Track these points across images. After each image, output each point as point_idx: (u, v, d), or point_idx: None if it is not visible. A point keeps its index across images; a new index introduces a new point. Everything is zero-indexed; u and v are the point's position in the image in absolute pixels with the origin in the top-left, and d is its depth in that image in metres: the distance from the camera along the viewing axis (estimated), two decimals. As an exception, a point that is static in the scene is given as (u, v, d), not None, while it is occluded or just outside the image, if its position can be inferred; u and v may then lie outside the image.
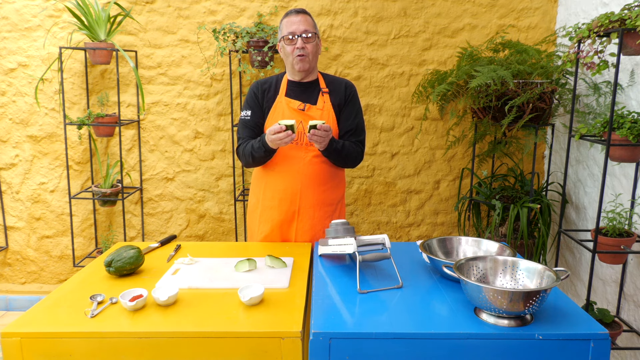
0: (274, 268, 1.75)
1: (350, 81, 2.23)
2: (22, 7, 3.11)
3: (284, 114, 2.09)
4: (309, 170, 2.09)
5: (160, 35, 3.16)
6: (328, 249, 1.73)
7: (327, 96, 2.13)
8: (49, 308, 1.47)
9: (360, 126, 2.18)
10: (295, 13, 2.07)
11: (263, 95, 2.14)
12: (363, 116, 2.22)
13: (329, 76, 2.21)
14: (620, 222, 2.24)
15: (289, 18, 2.07)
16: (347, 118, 2.14)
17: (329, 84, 2.16)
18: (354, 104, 2.17)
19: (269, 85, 2.15)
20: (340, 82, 2.18)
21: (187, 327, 1.36)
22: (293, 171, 2.09)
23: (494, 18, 3.15)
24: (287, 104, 2.10)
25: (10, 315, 3.28)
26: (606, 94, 2.52)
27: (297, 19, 2.04)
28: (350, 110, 2.15)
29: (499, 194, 2.95)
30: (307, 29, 2.04)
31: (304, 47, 2.04)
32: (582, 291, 2.80)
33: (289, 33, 2.04)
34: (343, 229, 1.72)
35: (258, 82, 2.18)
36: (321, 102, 2.12)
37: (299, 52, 2.04)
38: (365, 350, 1.26)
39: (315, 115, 2.09)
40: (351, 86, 2.19)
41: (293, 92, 2.13)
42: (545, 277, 1.37)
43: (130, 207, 3.36)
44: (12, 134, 3.26)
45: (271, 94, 2.14)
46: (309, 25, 2.06)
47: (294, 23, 2.04)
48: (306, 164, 2.09)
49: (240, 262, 1.72)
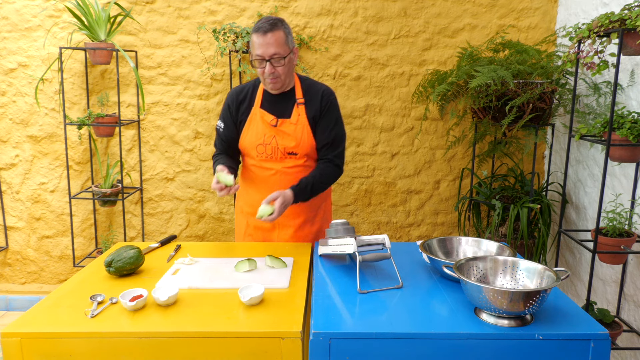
0: (274, 268, 1.75)
1: (328, 88, 2.10)
2: (22, 7, 3.11)
3: (258, 126, 2.03)
4: (283, 181, 2.05)
5: (160, 35, 3.16)
6: (328, 249, 1.73)
7: (303, 108, 2.03)
8: (49, 308, 1.47)
9: (337, 138, 2.07)
10: (263, 32, 1.87)
11: (238, 108, 2.07)
12: (342, 125, 2.11)
13: (307, 81, 2.10)
14: (620, 222, 2.24)
15: (258, 37, 1.88)
16: (324, 131, 2.04)
17: (306, 93, 2.05)
18: (330, 114, 2.05)
19: (245, 95, 2.07)
20: (317, 91, 2.06)
21: (187, 327, 1.36)
22: (269, 182, 2.07)
23: (494, 18, 3.15)
24: (261, 116, 2.03)
25: (10, 315, 3.28)
26: (606, 94, 2.52)
27: (266, 41, 1.87)
28: (327, 122, 2.04)
29: (499, 194, 2.95)
30: (276, 52, 1.88)
31: (273, 71, 1.91)
32: (582, 291, 2.80)
33: (257, 56, 1.90)
34: (343, 229, 1.71)
35: (234, 93, 2.09)
36: (295, 115, 2.02)
37: (269, 76, 1.93)
38: (365, 350, 1.26)
39: (287, 131, 2.01)
40: (328, 95, 2.06)
41: (268, 103, 2.04)
42: (545, 277, 1.37)
43: (130, 207, 3.36)
44: (12, 134, 3.26)
45: (246, 104, 2.06)
46: (279, 45, 1.89)
47: (262, 45, 1.87)
48: (280, 175, 2.06)
49: (241, 262, 1.72)
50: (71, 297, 1.54)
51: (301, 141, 2.02)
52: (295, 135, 2.02)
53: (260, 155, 2.05)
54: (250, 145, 2.06)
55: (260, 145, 2.04)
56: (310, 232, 2.17)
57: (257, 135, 2.04)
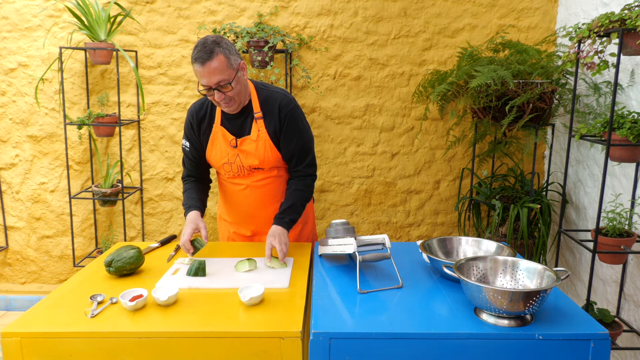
0: (273, 268, 1.75)
1: (286, 97, 1.96)
2: (22, 7, 3.11)
3: (221, 145, 1.96)
4: (254, 194, 2.04)
5: (160, 35, 3.16)
6: (328, 249, 1.73)
7: (262, 122, 1.93)
8: (49, 308, 1.47)
9: (304, 148, 1.99)
10: (202, 63, 1.73)
11: (199, 126, 1.98)
12: (307, 130, 2.02)
13: (264, 90, 1.97)
14: (620, 222, 2.24)
15: (198, 67, 1.75)
16: (288, 144, 1.96)
17: (263, 105, 1.94)
18: (292, 126, 1.94)
19: (204, 112, 1.97)
20: (274, 102, 1.94)
21: (187, 327, 1.36)
22: (240, 196, 2.06)
23: (494, 18, 3.15)
24: (222, 135, 1.96)
25: (10, 315, 3.28)
26: (606, 94, 2.52)
27: (207, 70, 1.74)
28: (290, 135, 1.95)
29: (499, 194, 2.95)
30: (220, 79, 1.76)
31: (224, 97, 1.81)
32: (582, 291, 2.80)
33: (203, 86, 1.79)
34: (343, 229, 1.71)
35: (193, 111, 1.99)
36: (255, 130, 1.93)
37: (222, 102, 1.83)
38: (365, 350, 1.26)
39: (249, 149, 1.94)
40: (286, 105, 1.93)
41: (227, 119, 1.96)
42: (545, 277, 1.37)
43: (131, 207, 3.36)
44: (12, 134, 3.26)
45: (206, 122, 1.98)
46: (222, 71, 1.75)
47: (204, 75, 1.75)
48: (251, 189, 2.03)
49: (240, 262, 1.73)
50: (71, 297, 1.54)
51: (264, 157, 1.96)
52: (258, 152, 1.95)
53: (227, 173, 2.02)
54: (217, 164, 2.02)
55: (226, 164, 1.99)
56: (292, 237, 2.12)
57: (221, 154, 1.98)
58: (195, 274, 1.67)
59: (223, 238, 2.27)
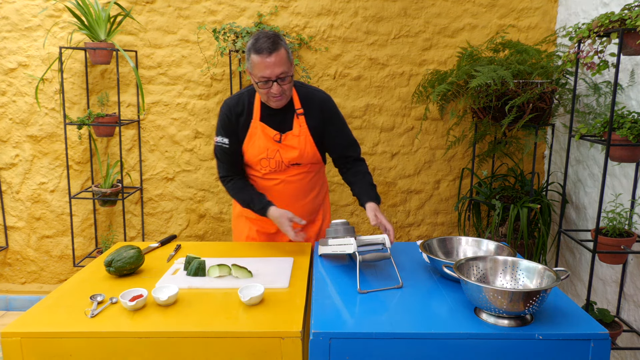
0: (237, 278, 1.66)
1: (325, 94, 2.05)
2: (22, 7, 3.11)
3: (260, 141, 1.97)
4: (287, 188, 2.05)
5: (160, 35, 3.16)
6: (328, 249, 1.73)
7: (303, 118, 1.98)
8: (49, 308, 1.47)
9: (350, 138, 2.09)
10: (268, 53, 1.77)
11: (237, 121, 1.99)
12: (347, 126, 2.10)
13: (302, 88, 2.02)
14: (620, 222, 2.24)
15: (262, 58, 1.77)
16: (335, 136, 2.04)
17: (304, 102, 1.99)
18: (334, 120, 2.03)
19: (242, 108, 1.98)
20: (314, 100, 2.00)
21: (187, 327, 1.36)
22: (272, 191, 2.06)
23: (494, 18, 3.15)
24: (262, 130, 1.97)
25: (10, 315, 3.28)
26: (606, 94, 2.52)
27: (271, 62, 1.77)
28: (336, 127, 2.04)
29: (499, 194, 2.95)
30: (282, 71, 1.80)
31: (280, 90, 1.84)
32: (582, 291, 2.80)
33: (262, 77, 1.81)
34: (343, 229, 1.71)
35: (229, 105, 1.99)
36: (297, 126, 1.98)
37: (275, 96, 1.86)
38: (365, 350, 1.26)
39: (292, 144, 1.98)
40: (326, 102, 2.02)
41: (267, 115, 1.97)
42: (545, 277, 1.37)
43: (130, 207, 3.36)
44: (12, 134, 3.26)
45: (244, 117, 1.98)
46: (284, 64, 1.80)
47: (269, 66, 1.78)
48: (285, 184, 2.05)
49: (212, 267, 1.67)
50: (71, 297, 1.54)
51: (305, 152, 2.00)
52: (299, 147, 1.99)
53: (264, 168, 2.02)
54: (254, 160, 2.02)
55: (264, 159, 2.00)
56: (313, 231, 2.19)
57: (259, 149, 1.99)
58: (195, 274, 1.67)
59: (239, 237, 2.24)
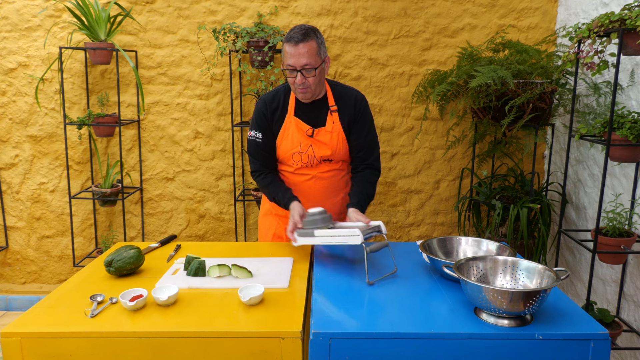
0: (237, 278, 1.67)
1: (360, 93, 2.09)
2: (22, 7, 3.11)
3: (293, 135, 2.01)
4: (318, 185, 2.06)
5: (160, 35, 3.16)
6: (320, 240, 1.69)
7: (336, 115, 2.02)
8: (49, 308, 1.47)
9: (372, 142, 2.09)
10: (295, 43, 1.83)
11: (273, 116, 2.03)
12: (375, 130, 2.12)
13: (338, 87, 2.08)
14: (620, 222, 2.24)
15: (290, 47, 1.85)
16: (358, 136, 2.05)
17: (338, 99, 2.04)
18: (364, 120, 2.06)
19: (277, 103, 2.03)
20: (349, 97, 2.05)
21: (187, 327, 1.36)
22: (303, 187, 2.06)
23: (494, 18, 3.15)
24: (296, 124, 2.01)
25: (10, 315, 3.28)
26: (606, 94, 2.52)
27: (298, 51, 1.83)
28: (361, 127, 2.05)
29: (499, 194, 2.95)
30: (307, 62, 1.84)
31: (304, 81, 1.88)
32: (582, 291, 2.80)
33: (289, 66, 1.87)
34: (321, 218, 1.72)
35: (265, 101, 2.04)
36: (330, 122, 2.01)
37: (300, 86, 1.91)
38: (365, 350, 1.26)
39: (324, 139, 2.01)
40: (361, 100, 2.07)
41: (301, 110, 2.02)
42: (545, 277, 1.37)
43: (130, 207, 3.36)
44: (12, 134, 3.26)
45: (279, 112, 2.03)
46: (311, 56, 1.84)
47: (294, 55, 1.84)
48: (316, 180, 2.06)
49: (212, 267, 1.68)
50: (71, 297, 1.54)
51: (337, 148, 2.02)
52: (332, 143, 2.01)
53: (296, 163, 2.04)
54: (286, 154, 2.04)
55: (297, 153, 2.02)
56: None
57: (292, 143, 2.01)
58: (195, 274, 1.67)
59: (265, 236, 2.24)
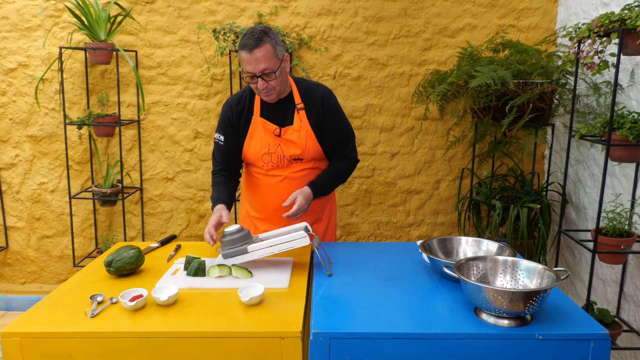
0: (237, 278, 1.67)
1: (326, 89, 2.06)
2: (22, 7, 3.11)
3: (261, 136, 2.00)
4: (292, 185, 2.04)
5: (160, 35, 3.16)
6: (272, 249, 1.69)
7: (303, 112, 2.00)
8: (49, 308, 1.47)
9: (347, 133, 2.09)
10: (250, 50, 1.80)
11: (239, 119, 2.02)
12: (347, 121, 2.11)
13: (303, 83, 2.05)
14: (621, 222, 2.24)
15: (245, 54, 1.82)
16: (332, 131, 2.04)
17: (305, 97, 2.02)
18: (333, 116, 2.04)
19: (243, 105, 2.02)
20: (315, 94, 2.02)
21: (187, 327, 1.36)
22: (277, 188, 2.06)
23: (494, 18, 3.15)
24: (263, 125, 2.00)
25: (10, 315, 3.28)
26: (606, 94, 2.52)
27: (254, 57, 1.81)
28: (332, 123, 2.04)
29: (499, 194, 2.95)
30: (265, 67, 1.82)
31: (266, 85, 1.87)
32: (582, 291, 2.80)
33: (248, 73, 1.85)
34: (239, 236, 1.72)
35: (231, 104, 2.04)
36: (297, 121, 1.99)
37: (263, 90, 1.90)
38: (365, 350, 1.26)
39: (292, 138, 1.99)
40: (328, 96, 2.04)
41: (268, 111, 2.01)
42: (545, 277, 1.37)
43: (130, 207, 3.36)
44: (12, 134, 3.26)
45: (245, 114, 2.02)
46: (268, 59, 1.82)
47: (251, 62, 1.82)
48: (289, 180, 2.05)
49: (212, 267, 1.68)
50: (71, 297, 1.54)
51: (306, 147, 2.01)
52: (300, 141, 2.00)
53: (267, 164, 2.03)
54: (255, 156, 2.03)
55: (266, 154, 2.01)
56: (320, 229, 2.20)
57: (261, 144, 2.01)
58: (195, 274, 1.67)
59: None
